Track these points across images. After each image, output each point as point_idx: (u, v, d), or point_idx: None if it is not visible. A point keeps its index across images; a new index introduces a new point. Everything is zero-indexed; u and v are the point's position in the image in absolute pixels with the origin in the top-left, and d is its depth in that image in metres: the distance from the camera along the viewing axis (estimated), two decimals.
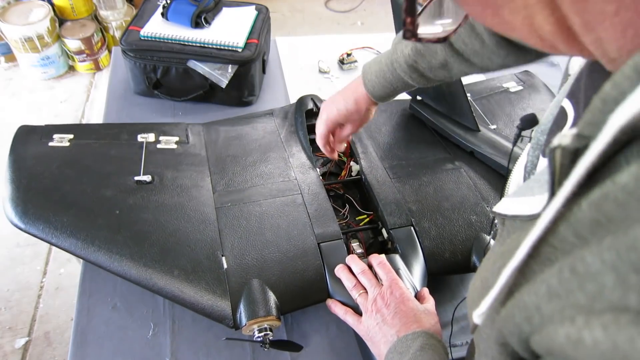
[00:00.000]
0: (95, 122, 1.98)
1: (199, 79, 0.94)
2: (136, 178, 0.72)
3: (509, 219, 0.29)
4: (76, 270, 0.72)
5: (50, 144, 0.77)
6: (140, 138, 0.80)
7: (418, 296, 0.60)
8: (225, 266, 0.63)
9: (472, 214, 0.71)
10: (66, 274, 1.53)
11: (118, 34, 2.26)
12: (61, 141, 0.77)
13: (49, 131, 0.79)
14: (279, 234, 0.67)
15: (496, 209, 0.31)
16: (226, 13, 1.01)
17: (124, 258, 0.62)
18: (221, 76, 0.92)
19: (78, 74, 2.28)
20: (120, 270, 0.62)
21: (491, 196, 0.74)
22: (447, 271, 0.68)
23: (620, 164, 0.19)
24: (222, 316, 0.59)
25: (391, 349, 0.51)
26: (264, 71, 1.05)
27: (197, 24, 0.94)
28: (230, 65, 0.93)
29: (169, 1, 0.95)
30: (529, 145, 0.36)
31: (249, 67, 0.94)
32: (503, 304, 0.24)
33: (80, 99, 2.16)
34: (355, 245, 0.70)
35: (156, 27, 0.94)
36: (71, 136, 0.78)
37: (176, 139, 0.82)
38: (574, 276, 0.19)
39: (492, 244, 0.65)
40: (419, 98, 0.92)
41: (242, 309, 0.59)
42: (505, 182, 0.39)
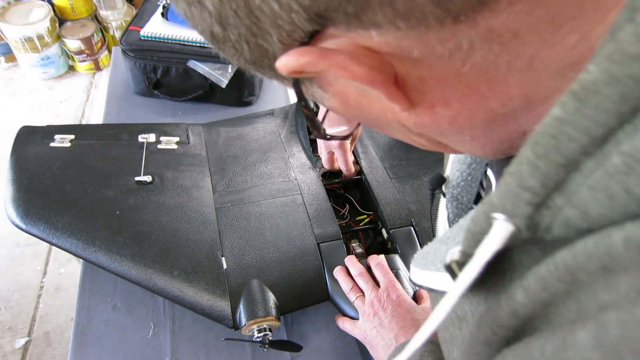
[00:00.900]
0: (95, 122, 1.98)
1: (199, 79, 0.94)
2: (137, 178, 0.72)
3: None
4: (76, 270, 0.72)
5: (52, 144, 0.77)
6: (141, 138, 0.81)
7: (416, 296, 0.60)
8: (225, 266, 0.63)
9: None
10: (66, 274, 1.53)
11: (118, 34, 2.26)
12: (62, 142, 0.77)
13: (51, 132, 0.79)
14: (278, 234, 0.67)
15: (413, 278, 0.31)
16: None
17: (124, 258, 0.62)
18: (221, 76, 0.92)
19: (78, 74, 2.28)
20: (121, 271, 0.62)
21: None
22: None
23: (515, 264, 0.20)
24: (221, 316, 0.59)
25: (390, 357, 0.51)
26: None
27: None
28: (230, 65, 0.93)
29: (169, 1, 0.95)
30: (444, 200, 0.38)
31: None
32: None
33: (80, 99, 2.16)
34: (355, 245, 0.70)
35: (156, 27, 0.94)
36: (72, 137, 0.79)
37: (177, 139, 0.82)
38: None
39: None
40: None
41: (241, 309, 0.59)
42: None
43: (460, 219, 0.29)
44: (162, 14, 0.96)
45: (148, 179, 0.72)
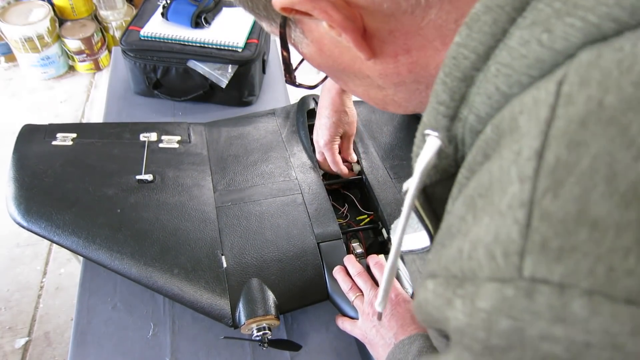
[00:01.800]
0: (95, 122, 1.98)
1: (199, 79, 0.94)
2: (138, 177, 0.72)
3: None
4: (76, 270, 0.72)
5: (54, 142, 0.77)
6: (143, 137, 0.81)
7: (415, 295, 0.60)
8: (224, 265, 0.63)
9: None
10: (66, 274, 1.53)
11: (118, 34, 2.26)
12: (64, 140, 0.78)
13: (53, 130, 0.79)
14: (278, 234, 0.67)
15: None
16: (226, 13, 1.01)
17: (124, 256, 0.62)
18: (221, 76, 0.92)
19: (78, 74, 2.28)
20: (121, 269, 0.62)
21: None
22: None
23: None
24: (221, 315, 0.59)
25: (389, 356, 0.51)
26: (264, 71, 1.05)
27: (197, 24, 0.94)
28: (230, 65, 0.93)
29: (169, 1, 0.95)
30: None
31: (249, 67, 0.94)
32: None
33: (80, 99, 2.16)
34: (355, 245, 0.70)
35: (156, 27, 0.94)
36: (74, 135, 0.79)
37: (178, 138, 0.82)
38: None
39: None
40: None
41: (241, 308, 0.59)
42: None
43: None
44: (162, 14, 0.96)
45: (149, 177, 0.72)
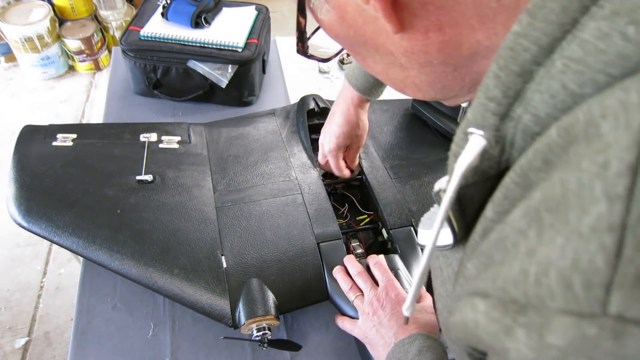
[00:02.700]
0: (95, 122, 1.98)
1: (199, 79, 0.94)
2: (138, 177, 0.72)
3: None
4: (76, 270, 0.72)
5: (54, 143, 0.77)
6: (143, 138, 0.81)
7: None
8: (224, 265, 0.63)
9: None
10: (66, 274, 1.53)
11: (118, 34, 2.26)
12: (65, 141, 0.78)
13: (53, 131, 0.79)
14: (278, 234, 0.67)
15: (419, 240, 0.36)
16: (226, 13, 1.01)
17: (124, 257, 0.62)
18: (221, 76, 0.92)
19: (78, 74, 2.28)
20: (121, 269, 0.62)
21: None
22: None
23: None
24: (221, 315, 0.59)
25: (389, 355, 0.51)
26: (264, 71, 1.05)
27: (197, 24, 0.94)
28: (230, 65, 0.93)
29: (169, 1, 0.95)
30: None
31: (249, 67, 0.94)
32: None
33: (80, 99, 2.16)
34: (355, 245, 0.70)
35: (156, 27, 0.94)
36: (74, 136, 0.79)
37: (178, 138, 0.82)
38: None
39: None
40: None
41: (240, 308, 0.59)
42: None
43: None
44: (162, 14, 0.96)
45: (149, 178, 0.72)
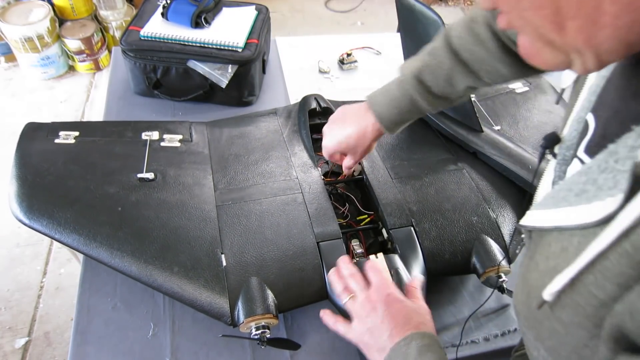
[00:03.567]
0: None
1: (199, 79, 0.94)
2: (139, 175, 0.72)
3: (545, 231, 0.34)
4: (76, 270, 0.72)
5: (56, 140, 0.77)
6: (145, 136, 0.81)
7: (405, 291, 0.58)
8: (224, 264, 0.63)
9: (474, 215, 0.71)
10: (66, 274, 1.53)
11: (118, 34, 2.26)
12: (67, 138, 0.78)
13: (55, 128, 0.79)
14: (278, 233, 0.67)
15: (529, 222, 0.35)
16: (226, 13, 1.01)
17: (125, 254, 0.62)
18: (221, 76, 0.92)
19: (78, 74, 2.28)
20: (121, 267, 0.62)
21: (493, 197, 0.74)
22: (447, 272, 0.68)
23: None
24: (220, 313, 0.59)
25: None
26: (264, 71, 1.05)
27: (197, 24, 0.94)
28: (230, 65, 0.93)
29: (169, 1, 0.95)
30: (554, 162, 0.38)
31: (249, 67, 0.94)
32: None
33: (80, 99, 2.16)
34: (355, 245, 0.70)
35: (156, 27, 0.94)
36: (77, 133, 0.79)
37: (180, 137, 0.82)
38: None
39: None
40: None
41: (240, 306, 0.59)
42: (528, 196, 0.44)
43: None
44: (162, 14, 0.96)
45: (150, 176, 0.73)
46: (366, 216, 0.77)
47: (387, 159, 0.81)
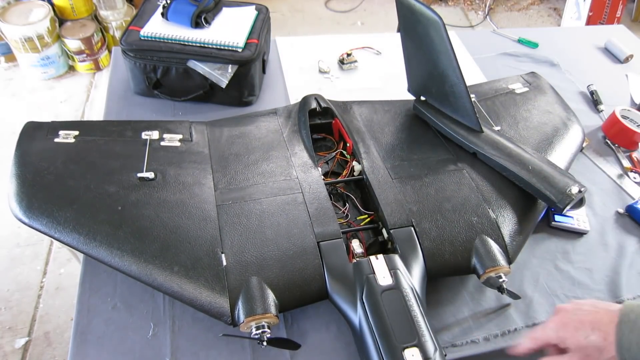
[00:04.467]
0: None
1: (199, 79, 0.94)
2: (139, 175, 0.72)
3: None
4: (76, 270, 0.72)
5: (56, 140, 0.77)
6: (145, 135, 0.81)
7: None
8: (224, 263, 0.63)
9: (474, 216, 0.71)
10: (66, 274, 1.53)
11: (118, 34, 2.26)
12: (67, 137, 0.78)
13: (55, 127, 0.79)
14: (279, 232, 0.67)
15: None
16: (226, 13, 1.01)
17: (124, 254, 0.62)
18: (221, 76, 0.92)
19: (78, 74, 2.28)
20: (121, 266, 0.62)
21: (493, 198, 0.74)
22: (447, 272, 0.68)
23: None
24: (220, 313, 0.59)
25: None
26: (264, 71, 1.05)
27: (197, 24, 0.94)
28: (230, 65, 0.93)
29: (169, 1, 0.95)
30: None
31: (249, 67, 0.94)
32: None
33: (80, 99, 2.16)
34: (355, 245, 0.70)
35: (156, 27, 0.94)
36: (76, 132, 0.79)
37: (180, 136, 0.82)
38: None
39: None
40: (422, 98, 0.92)
41: (240, 306, 0.59)
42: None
43: None
44: (162, 14, 0.96)
45: (150, 175, 0.73)
46: (366, 216, 0.77)
47: (387, 159, 0.81)
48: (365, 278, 0.61)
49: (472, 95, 0.92)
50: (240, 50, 0.93)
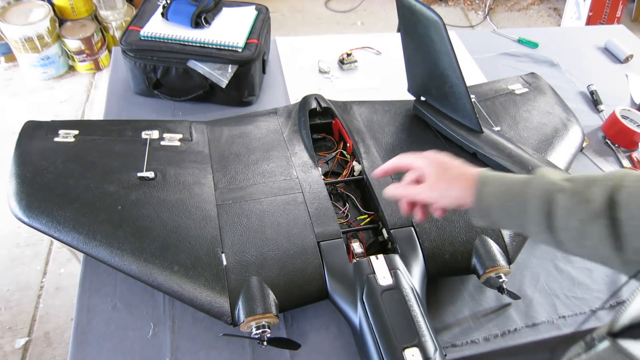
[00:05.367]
0: None
1: (199, 79, 0.94)
2: (139, 174, 0.72)
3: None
4: (76, 270, 0.72)
5: (56, 139, 0.77)
6: (145, 135, 0.81)
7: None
8: (224, 263, 0.63)
9: None
10: (66, 274, 1.53)
11: (118, 34, 2.26)
12: (66, 137, 0.78)
13: (55, 127, 0.79)
14: (279, 232, 0.67)
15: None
16: (226, 13, 1.01)
17: (124, 253, 0.62)
18: (221, 76, 0.92)
19: (78, 74, 2.28)
20: (121, 265, 0.62)
21: None
22: (447, 272, 0.68)
23: None
24: (220, 312, 0.59)
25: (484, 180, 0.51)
26: (264, 71, 1.05)
27: (197, 24, 0.94)
28: (230, 65, 0.93)
29: (169, 1, 0.95)
30: None
31: (249, 67, 0.94)
32: None
33: (80, 99, 2.16)
34: (355, 244, 0.70)
35: (156, 27, 0.94)
36: (76, 132, 0.79)
37: (180, 136, 0.82)
38: None
39: None
40: (422, 99, 0.92)
41: (240, 305, 0.59)
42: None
43: None
44: (162, 14, 0.96)
45: (150, 175, 0.73)
46: (366, 216, 0.77)
47: (387, 159, 0.81)
48: (366, 278, 0.61)
49: (472, 95, 0.92)
50: (240, 50, 0.93)
